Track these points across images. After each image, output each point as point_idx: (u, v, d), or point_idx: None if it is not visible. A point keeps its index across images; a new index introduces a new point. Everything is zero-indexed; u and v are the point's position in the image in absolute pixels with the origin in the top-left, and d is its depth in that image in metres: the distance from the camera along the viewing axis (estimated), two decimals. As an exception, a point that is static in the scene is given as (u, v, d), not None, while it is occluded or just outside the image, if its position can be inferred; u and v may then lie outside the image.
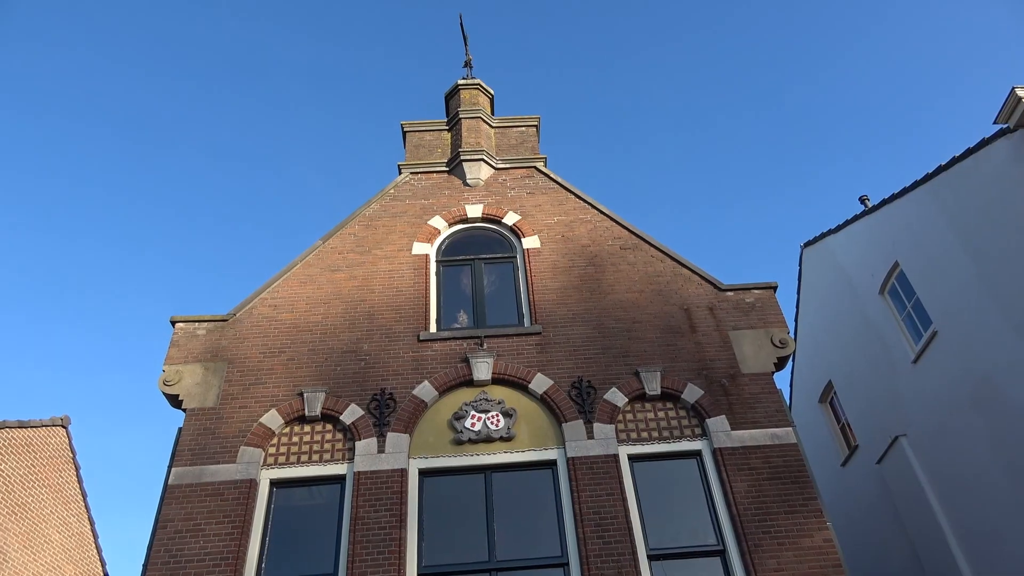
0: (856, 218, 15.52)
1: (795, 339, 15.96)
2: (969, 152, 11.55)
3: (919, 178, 13.12)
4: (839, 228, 16.30)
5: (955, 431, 12.39)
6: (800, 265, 18.28)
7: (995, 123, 10.37)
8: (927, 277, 13.20)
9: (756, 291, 9.92)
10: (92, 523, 16.26)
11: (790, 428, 8.55)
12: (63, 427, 15.53)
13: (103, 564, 16.49)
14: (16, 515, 13.88)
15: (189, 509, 7.90)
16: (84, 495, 16.06)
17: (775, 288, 9.95)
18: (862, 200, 16.15)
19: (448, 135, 12.45)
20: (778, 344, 9.28)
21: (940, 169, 12.41)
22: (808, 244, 17.79)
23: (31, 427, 14.58)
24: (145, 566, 7.55)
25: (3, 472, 13.63)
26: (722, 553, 7.78)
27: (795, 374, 18.66)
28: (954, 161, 12.02)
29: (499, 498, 8.23)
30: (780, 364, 9.25)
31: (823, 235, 16.98)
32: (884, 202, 14.41)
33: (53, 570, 14.79)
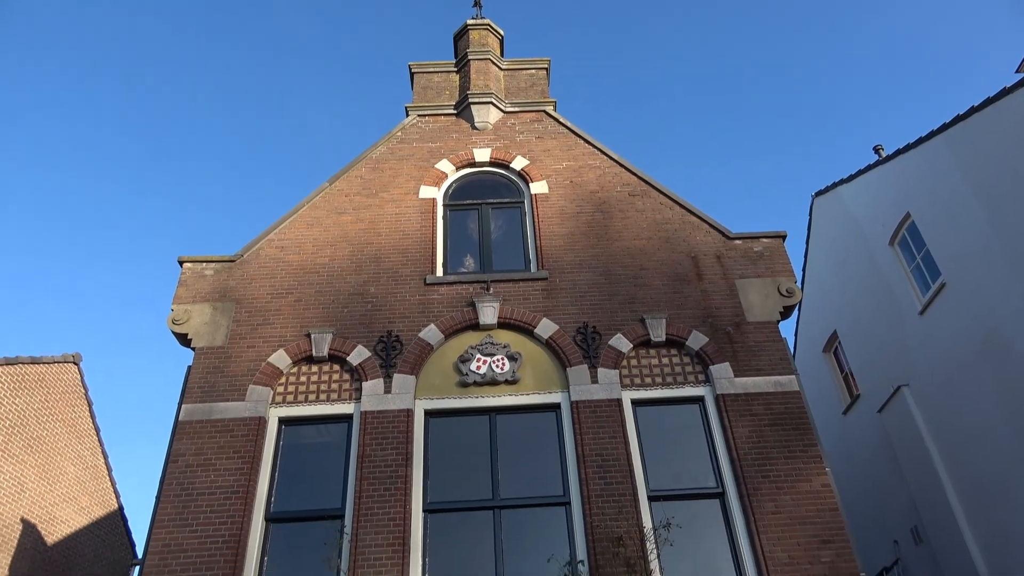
0: (869, 168, 15.31)
1: (802, 289, 15.92)
2: (988, 102, 11.30)
3: (935, 128, 12.88)
4: (851, 178, 16.10)
5: (959, 382, 12.46)
6: (810, 215, 18.13)
7: (1017, 72, 10.11)
8: (938, 228, 13.09)
9: (765, 240, 9.87)
10: (106, 456, 16.66)
11: (793, 376, 8.61)
12: (75, 364, 15.77)
13: (117, 496, 16.96)
14: (32, 448, 14.23)
15: (200, 444, 8.07)
16: (97, 430, 16.41)
17: (784, 237, 9.89)
18: (876, 150, 15.91)
19: (456, 77, 12.24)
20: (785, 293, 9.27)
21: (958, 119, 12.18)
22: (819, 193, 17.61)
23: (43, 363, 14.81)
24: (158, 498, 7.76)
25: (18, 407, 13.91)
26: (721, 495, 7.93)
27: (800, 323, 18.70)
28: (972, 111, 11.78)
29: (503, 439, 8.37)
30: (786, 313, 9.25)
31: (835, 184, 16.78)
32: (898, 152, 14.19)
33: (69, 501, 15.23)
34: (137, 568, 8.19)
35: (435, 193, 10.55)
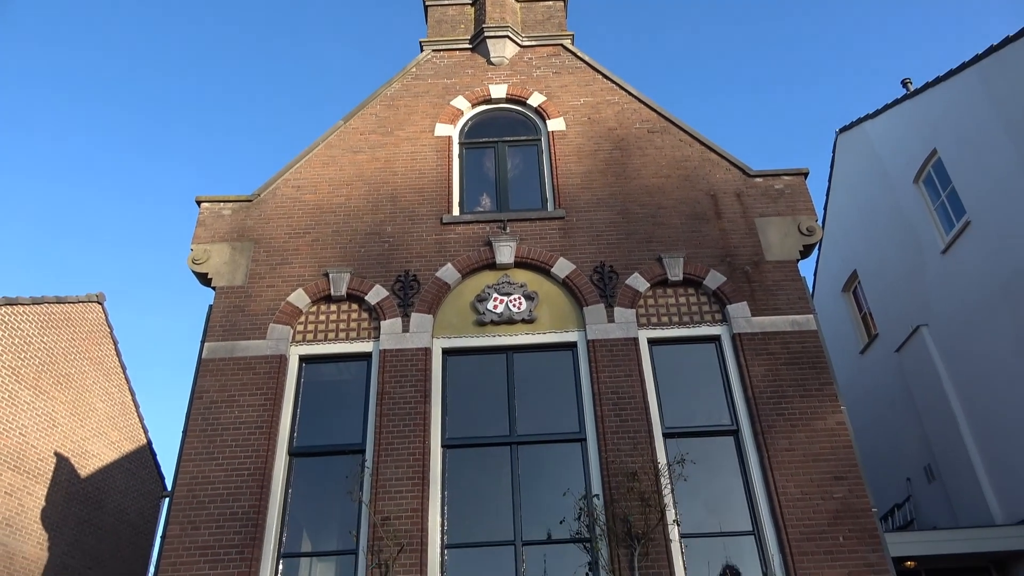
0: (896, 102, 14.89)
1: (823, 227, 15.73)
2: (1024, 31, 10.86)
3: (967, 59, 12.44)
4: (877, 113, 15.68)
5: (979, 323, 12.37)
6: (834, 152, 17.75)
7: (1057, -2, 9.66)
8: (965, 165, 12.78)
9: (786, 177, 9.69)
10: (132, 393, 17.09)
11: (811, 315, 8.57)
12: (99, 303, 16.04)
13: (145, 431, 17.48)
14: (62, 385, 14.62)
15: (223, 381, 8.24)
16: (123, 367, 16.79)
17: (806, 175, 9.70)
18: (904, 84, 15.44)
19: (471, 9, 11.91)
20: (805, 232, 9.15)
21: (991, 50, 11.74)
22: (844, 130, 17.19)
23: (68, 303, 15.07)
24: (185, 433, 7.98)
25: (46, 345, 14.24)
26: (735, 433, 8.02)
27: (820, 263, 18.54)
28: (1007, 41, 11.34)
29: (520, 377, 8.47)
30: (806, 252, 9.15)
31: (860, 120, 16.37)
32: (927, 85, 13.76)
33: (99, 435, 15.73)
34: (167, 500, 8.48)
35: (451, 131, 10.42)
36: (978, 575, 11.62)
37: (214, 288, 8.98)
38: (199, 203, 9.65)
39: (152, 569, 7.92)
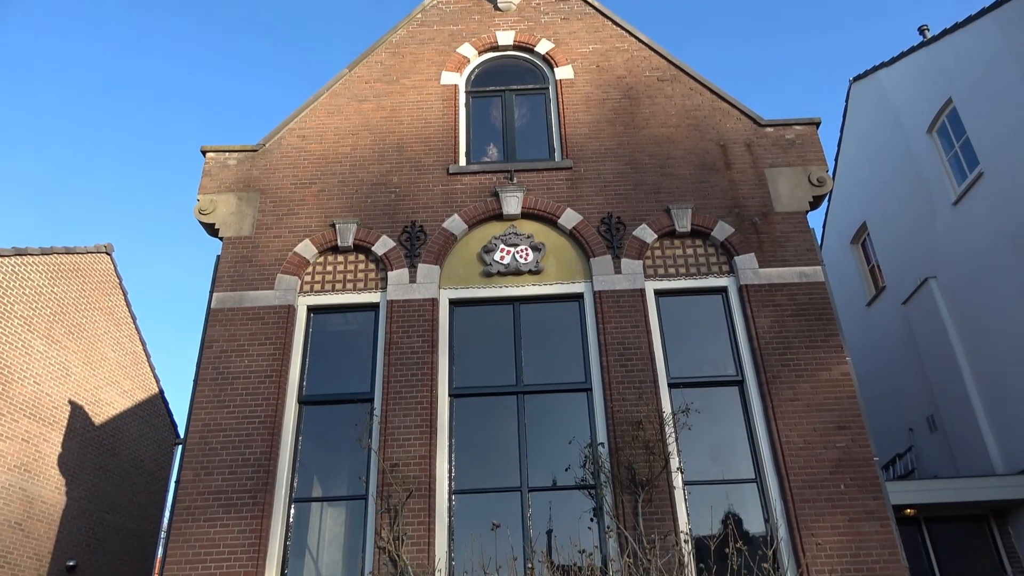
0: (912, 50, 14.55)
1: (833, 178, 15.57)
2: (1048, -26, 10.53)
3: (986, 5, 12.10)
4: (893, 61, 15.34)
5: (988, 276, 12.31)
6: (847, 101, 17.44)
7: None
8: (981, 115, 12.55)
9: (797, 127, 9.55)
10: (143, 343, 17.29)
11: (819, 267, 8.54)
12: (107, 254, 16.10)
13: (157, 380, 17.73)
14: (74, 335, 14.79)
15: (232, 331, 8.32)
16: (134, 318, 16.95)
17: (818, 124, 9.55)
18: (921, 31, 15.06)
19: (478, -47, 11.59)
20: (815, 183, 9.05)
21: (1013, -6, 11.40)
22: (857, 78, 16.85)
23: (77, 253, 15.14)
24: (196, 381, 8.09)
25: (57, 295, 14.36)
26: (740, 383, 8.08)
27: (829, 214, 18.40)
28: (1030, -15, 11.00)
29: (527, 328, 8.52)
30: (815, 203, 9.07)
31: (874, 68, 16.03)
32: (944, 32, 13.42)
33: (112, 384, 15.97)
34: (180, 447, 8.66)
35: (457, 79, 10.26)
36: (976, 523, 11.81)
37: (221, 239, 8.99)
38: (204, 153, 9.60)
39: (167, 513, 8.14)
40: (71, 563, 13.91)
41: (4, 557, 12.45)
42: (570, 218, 8.97)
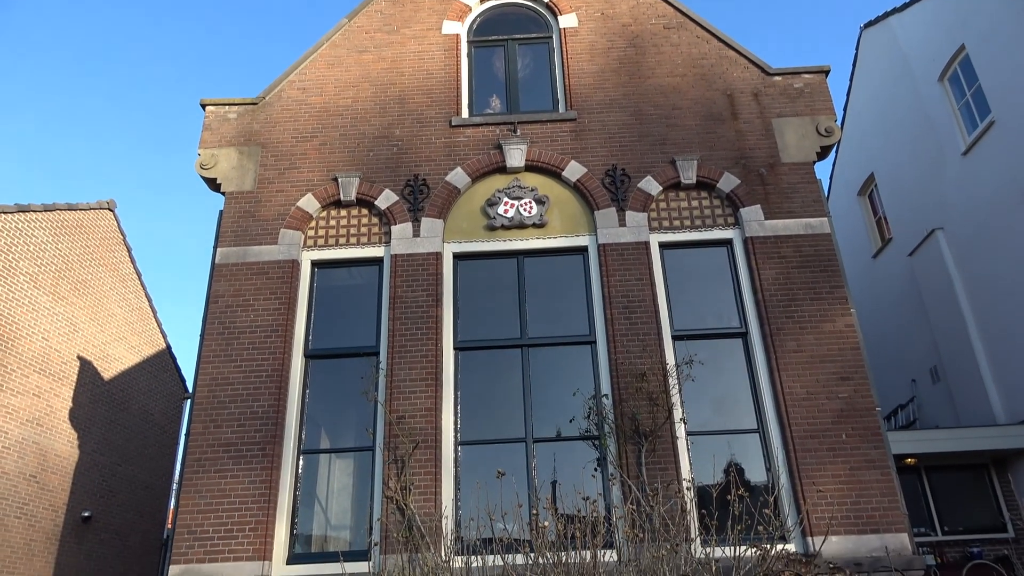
0: (926, -6, 14.18)
1: (841, 128, 15.37)
2: (1069, -87, 10.18)
3: (1005, -54, 11.74)
4: (905, 7, 14.98)
5: (996, 227, 12.22)
6: (857, 48, 17.08)
7: None
8: (994, 61, 12.29)
9: (806, 75, 9.36)
10: (149, 299, 17.37)
11: (825, 218, 8.48)
12: (110, 210, 16.07)
13: (164, 335, 17.87)
14: (80, 291, 14.86)
15: (237, 286, 8.34)
16: (139, 274, 16.99)
17: (827, 72, 9.37)
18: (935, -26, 14.62)
19: None
20: (823, 133, 8.92)
21: (1031, -65, 11.05)
22: (868, 25, 16.48)
23: (80, 210, 15.11)
24: (202, 336, 8.15)
25: (61, 252, 14.38)
26: (744, 335, 8.10)
27: (837, 165, 18.21)
28: (1049, -75, 10.65)
29: (531, 281, 8.52)
30: (823, 154, 8.96)
31: (886, 14, 15.65)
32: (960, -25, 13.05)
33: (120, 340, 16.11)
34: (189, 401, 8.76)
35: (459, 28, 10.05)
36: (976, 472, 11.96)
37: (223, 193, 8.95)
38: (204, 107, 9.48)
39: (178, 465, 8.29)
40: (86, 514, 14.23)
41: (21, 508, 12.74)
42: (574, 170, 8.88)
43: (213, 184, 9.04)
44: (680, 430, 7.51)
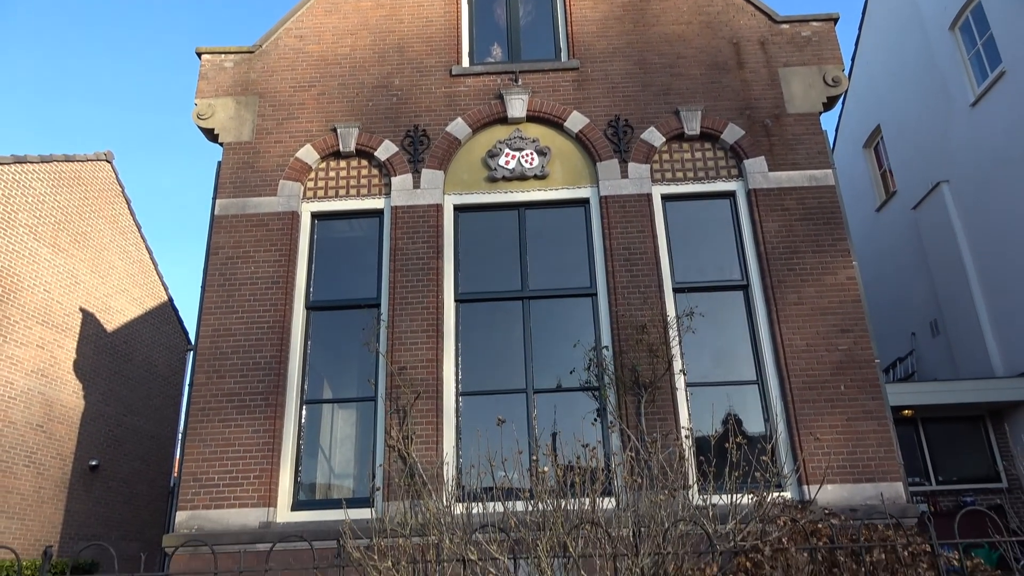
0: (939, -61, 13.78)
1: (849, 79, 15.13)
2: None
3: None
4: (918, -48, 14.56)
5: (1002, 180, 12.10)
6: (866, -4, 16.68)
7: None
8: (1008, 9, 12.01)
9: (814, 23, 9.16)
10: (150, 251, 17.35)
11: (829, 170, 8.39)
12: (107, 161, 15.92)
13: (165, 287, 17.90)
14: (80, 244, 14.83)
15: (237, 238, 8.31)
16: (138, 226, 16.93)
17: (836, 20, 9.16)
18: (950, -83, 14.19)
19: None
20: (830, 83, 8.76)
21: None
22: (879, -29, 16.05)
23: (77, 161, 14.97)
24: (203, 287, 8.16)
25: (60, 204, 14.30)
26: (745, 288, 8.10)
27: (843, 117, 17.96)
28: None
29: (532, 233, 8.48)
30: (829, 104, 8.82)
31: (898, -40, 15.23)
32: (976, -81, 12.67)
33: (121, 292, 16.14)
34: (192, 352, 8.81)
35: (459, -26, 9.78)
36: (972, 423, 12.10)
37: (221, 144, 8.85)
38: (200, 55, 9.31)
39: (183, 415, 8.37)
40: (93, 462, 14.47)
41: (30, 457, 12.95)
42: (576, 121, 8.76)
43: (211, 135, 8.93)
44: (680, 381, 7.57)
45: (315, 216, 8.66)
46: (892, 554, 4.04)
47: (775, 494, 4.80)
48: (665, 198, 8.51)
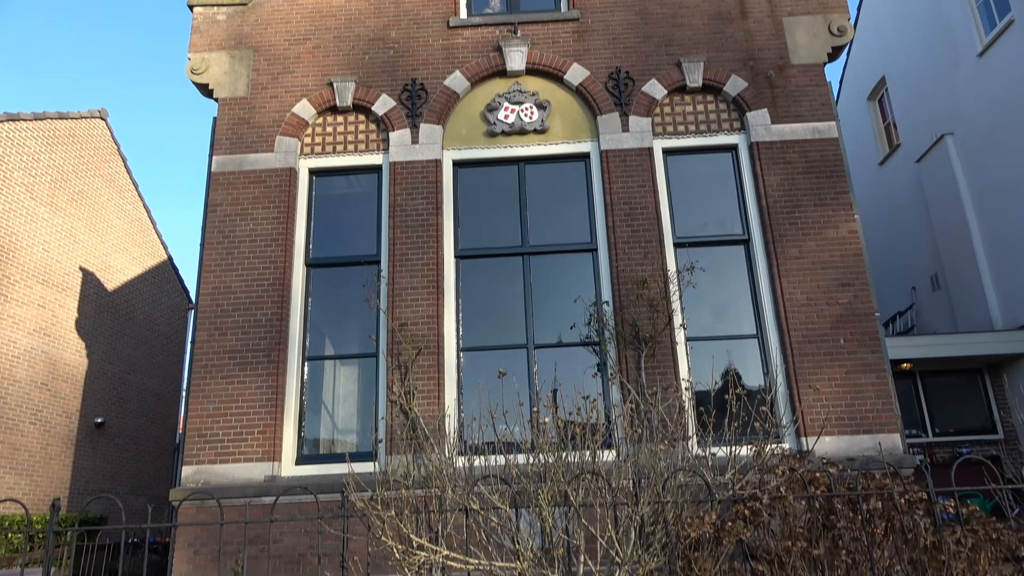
0: None
1: (855, 28, 14.83)
2: None
3: None
4: None
5: (1007, 132, 11.96)
6: (874, -57, 16.26)
7: None
8: (1018, -45, 11.72)
9: (820, -30, 8.93)
10: (148, 210, 17.26)
11: (833, 122, 8.29)
12: (101, 119, 15.73)
13: (165, 246, 17.86)
14: (77, 202, 14.74)
15: (235, 195, 8.25)
16: (136, 185, 16.80)
17: (842, -33, 8.93)
18: None
19: None
20: (835, 32, 8.59)
21: None
22: (887, -83, 15.62)
23: (71, 118, 14.79)
24: (202, 245, 8.13)
25: (55, 162, 14.17)
26: (746, 242, 8.07)
27: (847, 68, 17.67)
28: None
29: (532, 188, 8.41)
30: (834, 55, 8.66)
31: (907, -95, 14.81)
32: None
33: (121, 251, 16.11)
34: (193, 311, 8.82)
35: (456, -79, 9.51)
36: (970, 376, 12.18)
37: (216, 100, 8.72)
38: (192, 7, 9.11)
39: (186, 372, 8.45)
40: (99, 420, 14.62)
41: (36, 415, 13.08)
42: (577, 74, 8.62)
43: (205, 90, 8.80)
44: (680, 336, 7.59)
45: (313, 172, 8.59)
46: (889, 502, 4.10)
47: (773, 446, 4.85)
48: (666, 152, 8.42)
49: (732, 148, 8.44)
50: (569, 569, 4.00)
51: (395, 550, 4.18)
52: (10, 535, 9.23)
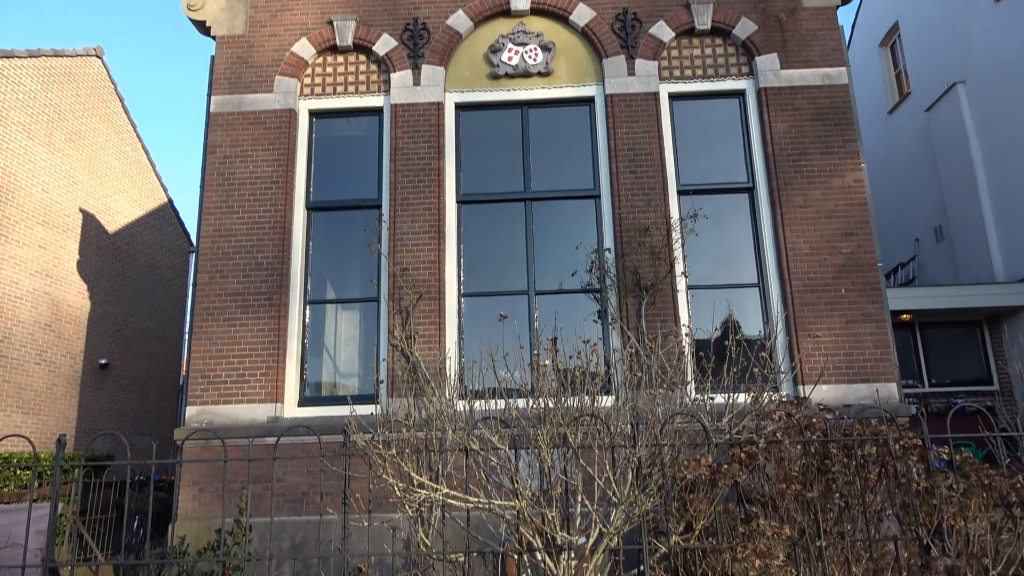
0: None
1: (868, -27, 14.37)
2: None
3: None
4: None
5: (1019, 81, 11.73)
6: None
7: None
8: None
9: (836, -92, 8.62)
10: (147, 152, 17.06)
11: (843, 68, 8.12)
12: (97, 57, 15.41)
13: (165, 189, 17.73)
14: (75, 143, 14.56)
15: (235, 136, 8.14)
16: (134, 125, 16.58)
17: (859, -96, 8.62)
18: None
19: None
20: (849, -27, 8.34)
21: None
22: None
23: (66, 56, 14.49)
24: (202, 187, 8.06)
25: (52, 101, 13.95)
26: (751, 190, 7.99)
27: (860, 13, 17.24)
28: None
29: (535, 133, 8.30)
30: (847, -3, 8.43)
31: None
32: None
33: (120, 193, 16.00)
34: (194, 254, 8.80)
35: None
36: (969, 328, 12.22)
37: (214, 38, 8.53)
38: (187, -60, 8.83)
39: (188, 315, 8.48)
40: (103, 361, 14.76)
41: (41, 356, 13.19)
42: (582, 14, 8.40)
43: (203, 27, 8.60)
44: (681, 284, 7.59)
45: (313, 114, 8.46)
46: (883, 448, 4.15)
47: (771, 392, 4.89)
48: (672, 97, 8.28)
49: (740, 94, 8.29)
50: (567, 509, 4.08)
51: (396, 488, 4.26)
52: (18, 471, 9.41)
